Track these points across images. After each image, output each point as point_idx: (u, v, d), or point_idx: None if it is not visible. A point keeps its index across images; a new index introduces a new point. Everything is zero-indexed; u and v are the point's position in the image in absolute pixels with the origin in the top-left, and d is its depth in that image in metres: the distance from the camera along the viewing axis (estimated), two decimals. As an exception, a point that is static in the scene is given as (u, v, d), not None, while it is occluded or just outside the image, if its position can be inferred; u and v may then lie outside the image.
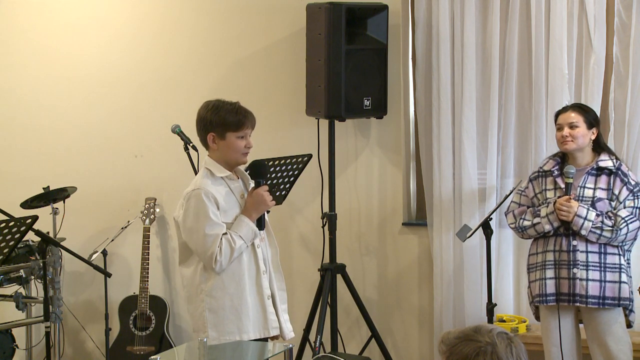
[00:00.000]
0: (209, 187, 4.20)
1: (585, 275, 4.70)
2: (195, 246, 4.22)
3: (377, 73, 5.55)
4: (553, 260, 4.77)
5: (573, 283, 4.71)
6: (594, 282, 4.70)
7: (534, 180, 4.94)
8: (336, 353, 5.12)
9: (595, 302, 4.70)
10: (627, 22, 5.24)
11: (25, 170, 6.53)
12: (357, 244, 5.96)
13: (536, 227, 4.82)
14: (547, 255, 4.81)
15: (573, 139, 4.75)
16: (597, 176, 4.77)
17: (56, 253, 5.39)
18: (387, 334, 5.89)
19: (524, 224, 4.87)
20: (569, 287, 4.73)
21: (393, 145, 5.83)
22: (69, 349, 6.53)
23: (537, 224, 4.81)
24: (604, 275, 4.71)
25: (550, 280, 4.77)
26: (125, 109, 6.35)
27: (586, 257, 4.72)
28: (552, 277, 4.76)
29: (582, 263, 4.71)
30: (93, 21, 6.38)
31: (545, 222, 4.77)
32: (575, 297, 4.72)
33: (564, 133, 4.77)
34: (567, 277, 4.73)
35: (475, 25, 5.49)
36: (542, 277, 4.80)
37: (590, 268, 4.71)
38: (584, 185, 4.76)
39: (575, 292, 4.71)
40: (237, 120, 4.22)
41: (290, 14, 5.89)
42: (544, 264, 4.80)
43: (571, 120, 4.76)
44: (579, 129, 4.75)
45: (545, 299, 4.78)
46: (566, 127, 4.77)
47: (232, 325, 4.26)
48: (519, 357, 2.40)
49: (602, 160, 4.78)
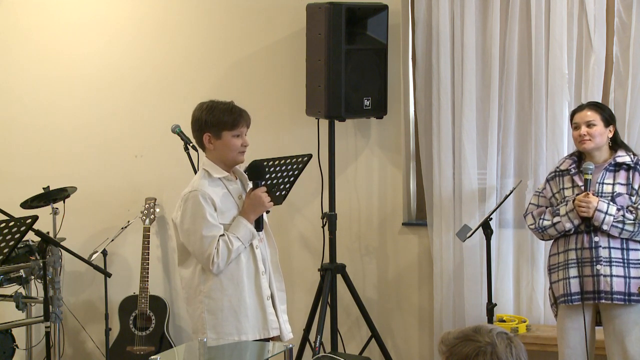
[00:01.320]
0: (206, 188, 4.20)
1: (609, 272, 4.62)
2: (192, 248, 4.22)
3: (377, 73, 5.55)
4: (575, 259, 4.68)
5: (597, 280, 4.62)
6: (619, 278, 4.62)
7: (551, 180, 4.87)
8: (336, 353, 5.12)
9: (621, 298, 4.61)
10: (627, 22, 5.24)
11: (25, 170, 6.53)
12: (357, 244, 5.96)
13: (556, 226, 4.74)
14: (569, 254, 4.72)
15: (591, 138, 4.69)
16: (615, 172, 4.71)
17: (56, 253, 5.39)
18: (387, 334, 5.89)
19: (544, 224, 4.79)
20: (593, 284, 4.63)
21: (393, 145, 5.83)
22: (69, 349, 6.53)
23: (557, 222, 4.73)
24: (628, 272, 4.63)
25: (574, 279, 4.67)
26: (125, 109, 6.35)
27: (609, 253, 4.64)
28: (576, 276, 4.67)
29: (605, 259, 4.63)
30: (93, 21, 6.38)
31: (566, 220, 4.69)
32: (600, 294, 4.62)
33: (582, 132, 4.70)
34: (591, 274, 4.64)
35: (475, 25, 5.49)
36: (565, 276, 4.70)
37: (614, 264, 4.63)
38: (602, 181, 4.70)
39: (600, 289, 4.62)
40: (232, 119, 4.23)
41: (290, 14, 5.89)
42: (567, 263, 4.72)
43: (588, 119, 4.71)
44: (597, 127, 4.69)
45: (570, 298, 4.68)
46: (583, 125, 4.71)
47: (230, 326, 4.26)
48: (519, 357, 2.40)
49: (619, 156, 4.72)
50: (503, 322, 5.44)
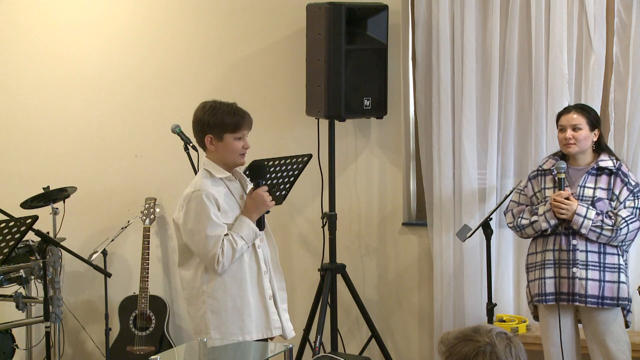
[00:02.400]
0: (209, 188, 4.19)
1: (585, 275, 4.69)
2: (196, 248, 4.20)
3: (377, 73, 5.55)
4: (552, 260, 4.76)
5: (572, 282, 4.70)
6: (594, 281, 4.69)
7: (533, 179, 4.93)
8: (336, 353, 5.12)
9: (595, 301, 4.69)
10: (627, 22, 5.24)
11: (25, 170, 6.53)
12: (357, 244, 5.96)
13: (534, 225, 4.80)
14: (546, 254, 4.79)
15: (576, 142, 4.72)
16: (597, 176, 4.75)
17: (56, 253, 5.39)
18: (387, 334, 5.89)
19: (522, 222, 4.85)
20: (568, 286, 4.72)
21: (393, 145, 5.83)
22: (69, 349, 6.53)
23: (535, 222, 4.79)
24: (603, 275, 4.70)
25: (550, 280, 4.76)
26: (125, 109, 6.35)
27: (586, 256, 4.71)
28: (552, 277, 4.75)
29: (582, 262, 4.70)
30: (93, 21, 6.38)
31: (543, 220, 4.75)
32: (574, 297, 4.71)
33: (567, 135, 4.74)
34: (567, 276, 4.72)
35: (475, 25, 5.49)
36: (541, 276, 4.79)
37: (590, 267, 4.70)
38: (584, 184, 4.74)
39: (574, 292, 4.70)
40: (234, 121, 4.21)
41: (290, 14, 5.89)
42: (544, 263, 4.79)
43: (574, 122, 4.73)
44: (582, 131, 4.72)
45: (544, 298, 4.77)
46: (569, 129, 4.74)
47: (234, 326, 4.26)
48: (518, 357, 2.40)
49: (602, 160, 4.76)
50: (503, 322, 5.44)
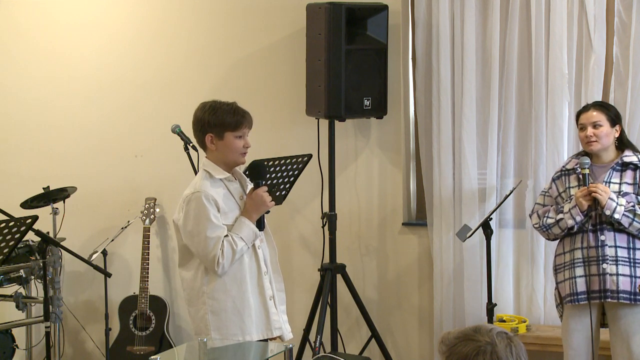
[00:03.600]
0: (208, 189, 4.18)
1: (615, 270, 4.59)
2: (196, 249, 4.20)
3: (377, 73, 5.55)
4: (582, 258, 4.64)
5: (603, 279, 4.59)
6: (625, 277, 4.58)
7: (557, 180, 4.83)
8: (336, 353, 5.12)
9: (627, 297, 4.57)
10: (627, 22, 5.24)
11: (25, 170, 6.53)
12: (357, 244, 5.96)
13: (560, 224, 4.69)
14: (575, 253, 4.68)
15: (597, 139, 4.65)
16: (622, 171, 4.67)
17: (56, 253, 5.40)
18: (387, 334, 5.89)
19: (548, 221, 4.74)
20: (599, 283, 4.60)
21: (393, 145, 5.83)
22: (69, 349, 6.53)
23: (561, 220, 4.68)
24: (634, 271, 4.60)
25: (581, 279, 4.63)
26: (125, 109, 6.35)
27: (615, 251, 4.61)
28: (582, 275, 4.63)
29: (612, 258, 4.60)
30: (93, 21, 6.39)
31: (569, 217, 4.64)
32: (606, 293, 4.59)
33: (588, 133, 4.66)
34: (597, 273, 4.60)
35: (475, 25, 5.49)
36: (571, 275, 4.66)
37: (620, 263, 4.60)
38: (609, 180, 4.65)
39: (606, 288, 4.59)
40: (235, 120, 4.21)
41: (290, 14, 5.89)
42: (573, 263, 4.68)
43: (594, 120, 4.66)
44: (603, 127, 4.66)
45: (576, 297, 4.64)
46: (589, 127, 4.66)
47: (234, 327, 4.25)
48: (519, 356, 2.40)
49: (626, 155, 4.68)
50: (503, 322, 5.44)
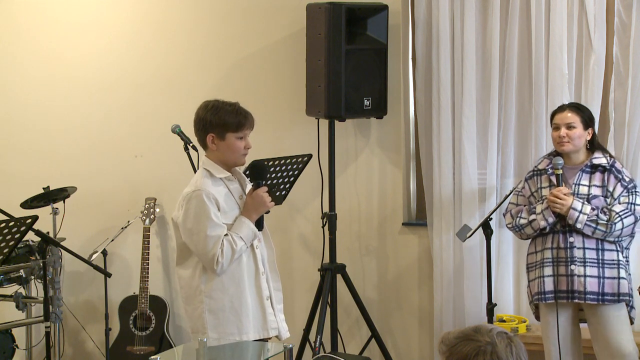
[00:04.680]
0: (209, 187, 4.18)
1: (583, 272, 4.72)
2: (196, 248, 4.20)
3: (377, 73, 5.55)
4: (551, 258, 4.79)
5: (571, 280, 4.73)
6: (592, 278, 4.71)
7: (530, 180, 4.96)
8: (336, 353, 5.12)
9: (594, 298, 4.70)
10: (627, 22, 5.24)
11: (25, 170, 6.53)
12: (357, 244, 5.96)
13: (532, 224, 4.82)
14: (545, 253, 4.82)
15: (570, 140, 4.77)
16: (591, 173, 4.79)
17: (56, 253, 5.39)
18: (387, 334, 5.89)
19: (521, 222, 4.88)
20: (567, 283, 4.74)
21: (393, 145, 5.83)
22: (69, 349, 6.53)
23: (533, 220, 4.82)
24: (602, 272, 4.72)
25: (549, 278, 4.78)
26: (125, 109, 6.35)
27: (583, 253, 4.73)
28: (550, 275, 4.78)
29: (580, 259, 4.73)
30: (93, 21, 6.38)
31: (541, 218, 4.77)
32: (574, 294, 4.73)
33: (561, 134, 4.78)
34: (565, 274, 4.74)
35: (475, 25, 5.49)
36: (540, 275, 4.81)
37: (588, 264, 4.72)
38: (578, 182, 4.78)
39: (573, 289, 4.73)
40: (237, 121, 4.21)
41: (290, 14, 5.89)
42: (542, 262, 4.82)
43: (568, 121, 4.78)
44: (576, 129, 4.77)
45: (543, 296, 4.79)
46: (563, 127, 4.78)
47: (232, 326, 4.26)
48: (519, 356, 2.40)
49: (596, 157, 4.80)
50: (503, 322, 5.44)
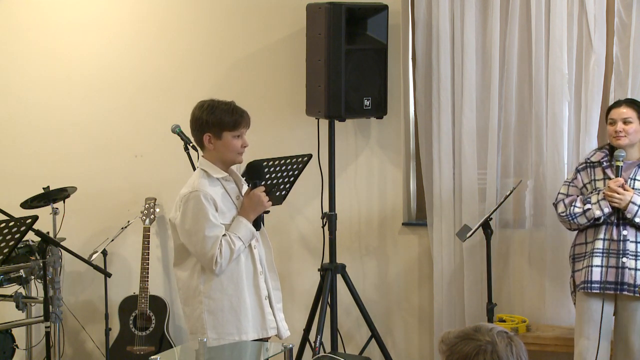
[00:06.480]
0: (207, 188, 4.18)
1: (634, 265, 4.69)
2: (194, 248, 4.20)
3: (377, 73, 5.55)
4: (602, 249, 4.75)
5: (622, 272, 4.69)
6: None
7: (582, 171, 4.93)
8: (336, 353, 5.12)
9: None
10: (627, 22, 5.25)
11: (25, 170, 6.53)
12: (357, 244, 5.96)
13: (587, 214, 4.79)
14: (596, 243, 4.77)
15: (626, 134, 4.77)
16: None
17: (56, 253, 5.39)
18: (387, 334, 5.89)
19: (575, 210, 4.82)
20: (616, 275, 4.70)
21: (393, 145, 5.83)
22: (69, 349, 6.53)
23: (588, 210, 4.78)
24: None
25: (597, 268, 4.73)
26: (125, 109, 6.35)
27: (636, 247, 4.72)
28: (599, 265, 4.73)
29: (632, 253, 4.70)
30: (93, 21, 6.38)
31: (597, 208, 4.74)
32: (623, 286, 4.69)
33: (618, 128, 4.78)
34: (616, 265, 4.71)
35: (475, 25, 5.49)
36: (589, 264, 4.76)
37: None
38: (634, 177, 4.77)
39: (623, 281, 4.69)
40: (233, 119, 4.21)
41: (290, 14, 5.89)
42: (592, 252, 4.77)
43: (625, 116, 4.78)
44: (632, 124, 4.78)
45: (590, 285, 4.74)
46: (620, 122, 4.78)
47: (231, 326, 4.26)
48: (519, 356, 2.40)
49: None
50: (503, 322, 5.44)
